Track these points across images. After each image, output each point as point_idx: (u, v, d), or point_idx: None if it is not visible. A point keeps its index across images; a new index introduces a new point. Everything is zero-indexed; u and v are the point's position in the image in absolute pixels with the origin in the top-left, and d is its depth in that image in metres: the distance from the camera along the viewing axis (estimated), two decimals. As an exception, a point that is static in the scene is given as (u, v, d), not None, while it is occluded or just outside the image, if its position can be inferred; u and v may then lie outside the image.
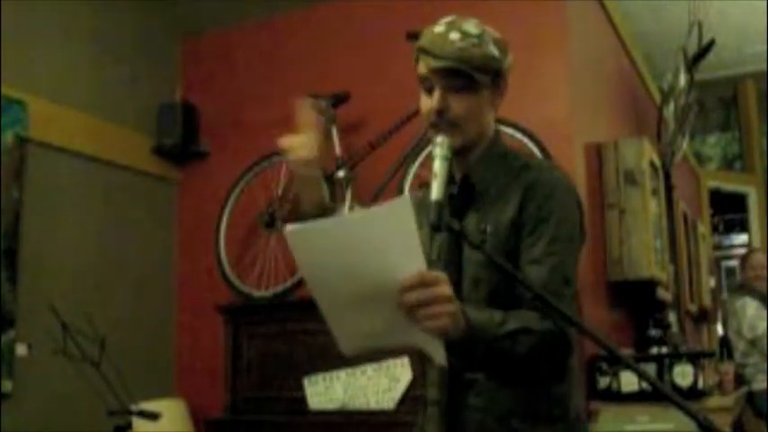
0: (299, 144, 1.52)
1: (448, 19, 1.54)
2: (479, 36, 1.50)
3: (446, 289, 1.25)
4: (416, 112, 3.17)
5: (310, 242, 1.24)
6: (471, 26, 1.51)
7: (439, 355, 1.26)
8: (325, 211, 1.58)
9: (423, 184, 1.73)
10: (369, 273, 1.22)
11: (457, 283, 1.48)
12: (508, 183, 1.53)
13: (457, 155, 1.53)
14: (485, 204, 1.53)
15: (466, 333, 1.30)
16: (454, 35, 1.49)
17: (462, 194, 1.56)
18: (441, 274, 1.26)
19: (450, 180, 1.55)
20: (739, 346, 4.60)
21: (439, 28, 1.52)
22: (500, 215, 1.50)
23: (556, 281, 1.44)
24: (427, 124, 1.55)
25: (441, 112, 1.50)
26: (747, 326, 4.53)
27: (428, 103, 1.53)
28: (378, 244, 1.20)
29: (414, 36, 3.09)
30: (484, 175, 1.55)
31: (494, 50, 1.51)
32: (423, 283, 1.22)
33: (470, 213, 1.53)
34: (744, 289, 4.75)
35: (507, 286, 1.45)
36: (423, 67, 1.52)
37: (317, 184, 1.58)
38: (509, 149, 1.62)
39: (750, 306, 4.58)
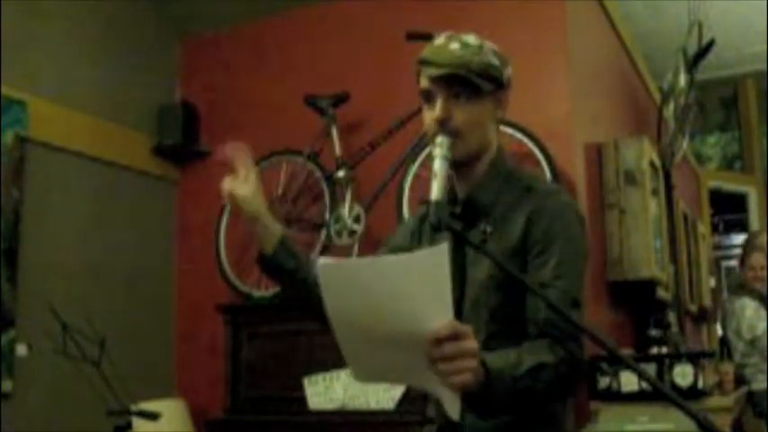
0: (239, 183, 1.55)
1: (447, 33, 1.55)
2: (479, 46, 1.51)
3: (473, 343, 1.22)
4: (416, 112, 3.17)
5: (340, 278, 1.22)
6: (470, 38, 1.53)
7: (454, 407, 1.24)
8: (283, 245, 1.59)
9: (423, 202, 1.73)
10: (395, 316, 1.20)
11: (458, 303, 1.48)
12: (512, 205, 1.52)
13: (459, 168, 1.53)
14: (488, 226, 1.52)
15: (484, 383, 1.26)
16: (454, 45, 1.50)
17: (465, 214, 1.55)
18: (469, 328, 1.22)
19: (452, 199, 1.56)
20: (739, 347, 4.59)
21: (438, 40, 1.53)
22: (502, 240, 1.49)
23: (566, 305, 1.42)
24: (429, 137, 1.53)
25: (443, 122, 1.49)
26: (746, 326, 4.53)
27: (430, 115, 1.52)
28: (409, 289, 1.18)
29: (414, 36, 3.10)
30: (488, 196, 1.54)
31: (493, 59, 1.52)
32: (455, 336, 1.19)
33: (473, 234, 1.52)
34: (743, 289, 4.74)
35: (507, 309, 1.46)
36: (423, 80, 1.52)
37: (264, 217, 1.61)
38: (513, 167, 1.61)
39: (749, 306, 4.58)
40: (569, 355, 1.38)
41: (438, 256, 1.17)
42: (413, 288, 1.17)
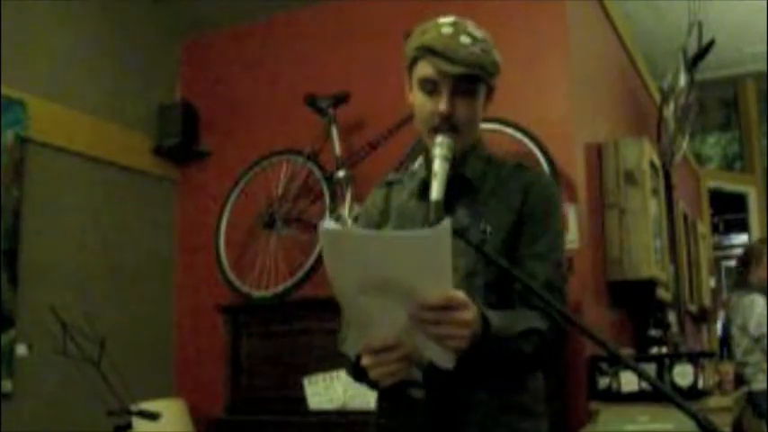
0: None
1: (448, 19, 1.52)
2: (485, 41, 1.50)
3: (467, 314, 1.26)
4: (416, 112, 3.18)
5: (342, 245, 1.24)
6: (475, 29, 1.51)
7: (448, 362, 1.29)
8: None
9: (388, 182, 1.71)
10: (393, 284, 1.23)
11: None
12: (504, 181, 1.54)
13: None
14: (477, 200, 1.53)
15: (483, 339, 1.31)
16: (465, 39, 1.47)
17: (452, 188, 1.52)
18: (464, 298, 1.26)
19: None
20: (742, 344, 4.57)
21: (446, 29, 1.49)
22: (501, 215, 1.51)
23: (558, 277, 1.50)
24: (425, 127, 1.52)
25: (448, 116, 1.48)
26: (755, 323, 4.50)
27: (427, 104, 1.50)
28: (409, 263, 1.21)
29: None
30: (473, 172, 1.55)
31: (497, 56, 1.53)
32: (448, 307, 1.24)
33: (459, 207, 1.52)
34: (753, 286, 4.71)
35: (502, 280, 1.48)
36: (430, 70, 1.48)
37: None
38: (492, 152, 1.63)
39: (759, 304, 4.56)
40: (557, 327, 1.44)
41: (441, 236, 1.19)
42: (413, 263, 1.21)
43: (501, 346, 1.36)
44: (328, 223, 1.22)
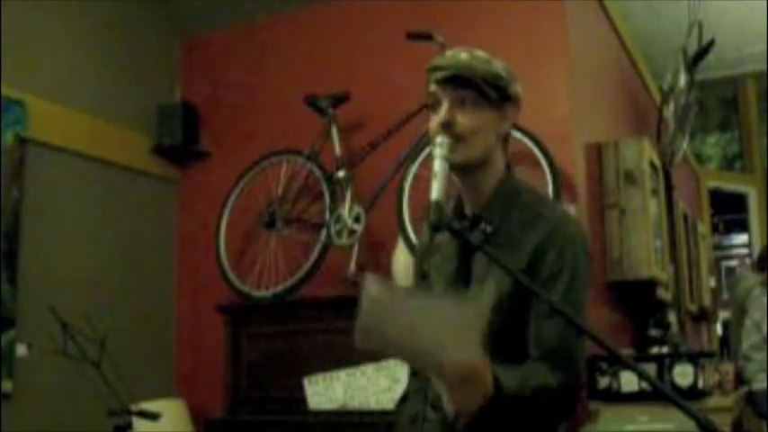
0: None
1: (459, 48, 1.60)
2: (487, 59, 1.56)
3: (482, 386, 1.27)
4: (416, 112, 3.17)
5: (384, 306, 1.27)
6: (480, 52, 1.57)
7: (451, 414, 1.32)
8: None
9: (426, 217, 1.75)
10: (423, 341, 1.27)
11: None
12: (521, 230, 1.52)
13: (464, 179, 1.55)
14: (494, 246, 1.50)
15: (493, 401, 1.30)
16: (463, 54, 1.55)
17: (474, 230, 1.54)
18: (483, 368, 1.28)
19: (460, 214, 1.58)
20: (751, 338, 4.54)
21: (450, 51, 1.60)
22: (509, 263, 1.47)
23: (572, 334, 1.45)
24: (432, 139, 1.55)
25: (447, 125, 1.50)
26: None
27: (433, 120, 1.54)
28: (443, 324, 1.25)
29: (413, 36, 3.10)
30: (495, 217, 1.54)
31: (500, 71, 1.55)
32: (467, 379, 1.26)
33: (478, 253, 1.52)
34: None
35: (508, 332, 1.45)
36: (431, 85, 1.55)
37: None
38: (521, 187, 1.61)
39: None
40: (568, 384, 1.43)
41: (479, 308, 1.25)
42: (447, 325, 1.25)
43: (513, 404, 1.35)
44: (370, 280, 1.24)
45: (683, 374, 3.05)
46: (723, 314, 6.60)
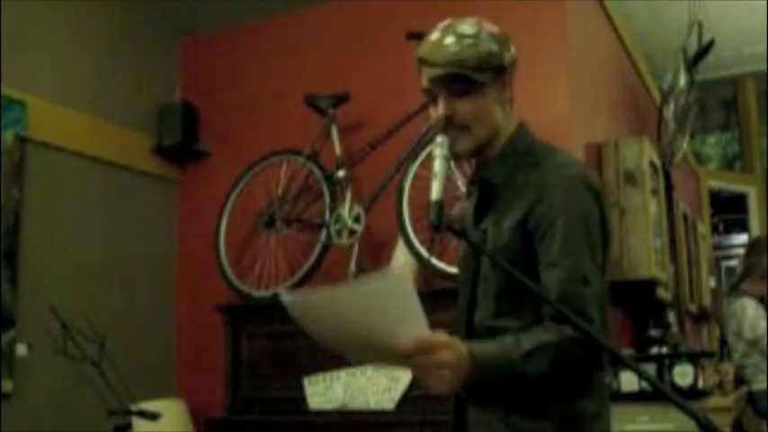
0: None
1: (444, 23, 1.55)
2: (475, 36, 1.51)
3: (444, 354, 1.26)
4: (416, 112, 3.17)
5: (308, 310, 1.28)
6: (467, 27, 1.52)
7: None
8: None
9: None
10: (369, 334, 1.25)
11: (473, 284, 1.52)
12: (522, 184, 1.50)
13: (476, 155, 1.56)
14: (501, 205, 1.52)
15: (472, 374, 1.30)
16: (449, 39, 1.50)
17: (483, 195, 1.56)
18: (439, 340, 1.27)
19: (472, 181, 1.60)
20: (738, 348, 4.58)
21: (435, 35, 1.53)
22: (505, 218, 1.49)
23: (574, 282, 1.40)
24: (435, 132, 1.56)
25: (448, 118, 1.50)
26: (748, 326, 4.51)
27: (433, 113, 1.54)
28: (376, 310, 1.22)
29: (413, 36, 3.09)
30: (500, 177, 1.54)
31: (491, 46, 1.52)
32: (419, 351, 1.25)
33: (490, 214, 1.53)
34: (741, 290, 4.72)
35: (516, 285, 1.40)
36: (424, 79, 1.53)
37: None
38: (532, 141, 1.59)
39: (749, 306, 4.56)
40: (577, 333, 1.32)
41: (395, 282, 1.23)
42: (381, 310, 1.22)
43: (502, 372, 1.33)
44: (285, 296, 1.25)
45: (682, 374, 3.05)
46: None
